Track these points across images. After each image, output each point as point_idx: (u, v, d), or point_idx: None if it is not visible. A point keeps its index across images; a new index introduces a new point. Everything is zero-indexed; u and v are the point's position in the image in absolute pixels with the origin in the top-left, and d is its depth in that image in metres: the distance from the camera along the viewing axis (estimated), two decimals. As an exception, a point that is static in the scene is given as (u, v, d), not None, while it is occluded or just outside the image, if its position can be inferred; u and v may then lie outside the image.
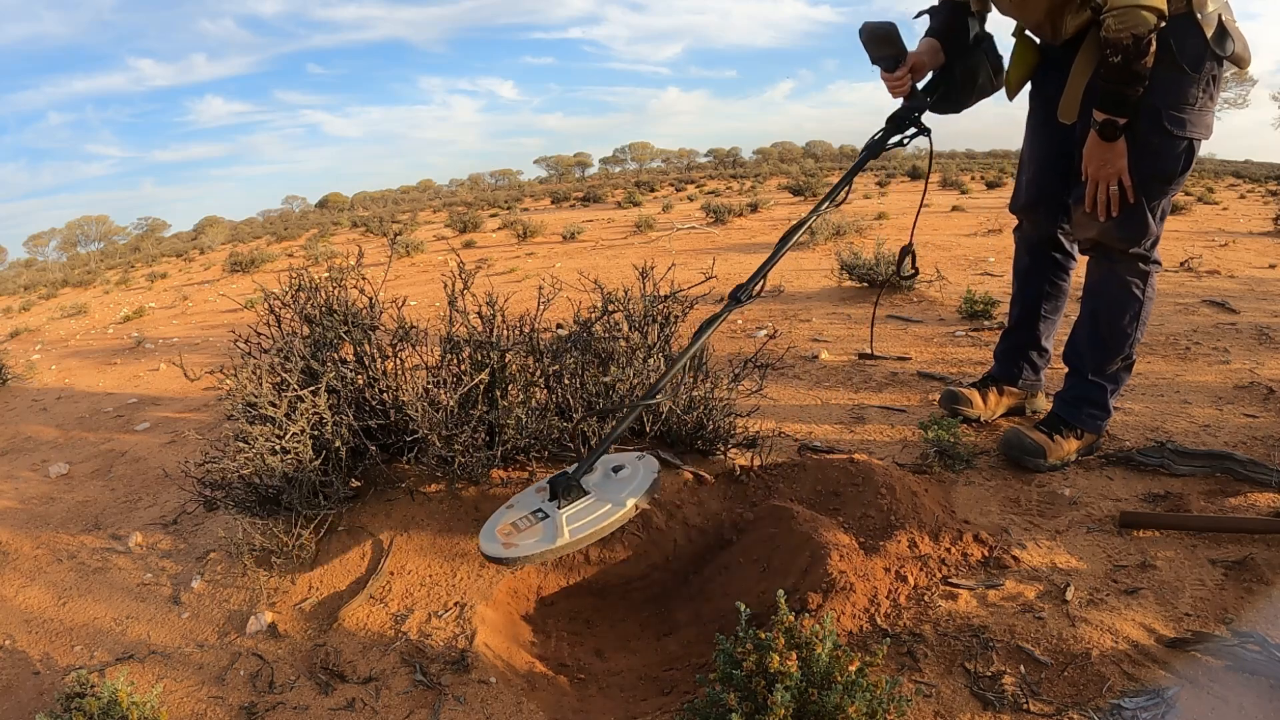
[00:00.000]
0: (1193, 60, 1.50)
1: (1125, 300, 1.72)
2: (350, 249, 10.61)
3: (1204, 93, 1.53)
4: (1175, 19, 1.47)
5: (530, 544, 1.29)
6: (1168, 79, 1.51)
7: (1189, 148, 1.58)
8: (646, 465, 1.43)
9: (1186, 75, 1.51)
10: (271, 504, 1.67)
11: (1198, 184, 16.67)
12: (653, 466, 1.43)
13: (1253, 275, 4.19)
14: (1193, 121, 1.55)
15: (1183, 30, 1.49)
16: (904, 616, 1.28)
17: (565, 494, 1.35)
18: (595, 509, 1.33)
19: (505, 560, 1.28)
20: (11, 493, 2.48)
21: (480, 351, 1.72)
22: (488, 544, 1.32)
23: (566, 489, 1.35)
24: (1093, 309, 1.77)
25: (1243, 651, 1.11)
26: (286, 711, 1.27)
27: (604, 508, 1.33)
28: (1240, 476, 1.62)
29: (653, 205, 15.35)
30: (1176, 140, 1.56)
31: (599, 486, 1.37)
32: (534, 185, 57.22)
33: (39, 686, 1.42)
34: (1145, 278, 1.71)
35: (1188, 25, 1.49)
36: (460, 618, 1.47)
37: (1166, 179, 1.60)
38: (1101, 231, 1.68)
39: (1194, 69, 1.51)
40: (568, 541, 1.28)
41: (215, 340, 5.18)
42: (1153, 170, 1.59)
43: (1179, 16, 1.48)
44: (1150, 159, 1.57)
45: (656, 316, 1.85)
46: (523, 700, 1.25)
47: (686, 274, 1.99)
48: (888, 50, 1.70)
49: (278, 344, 1.76)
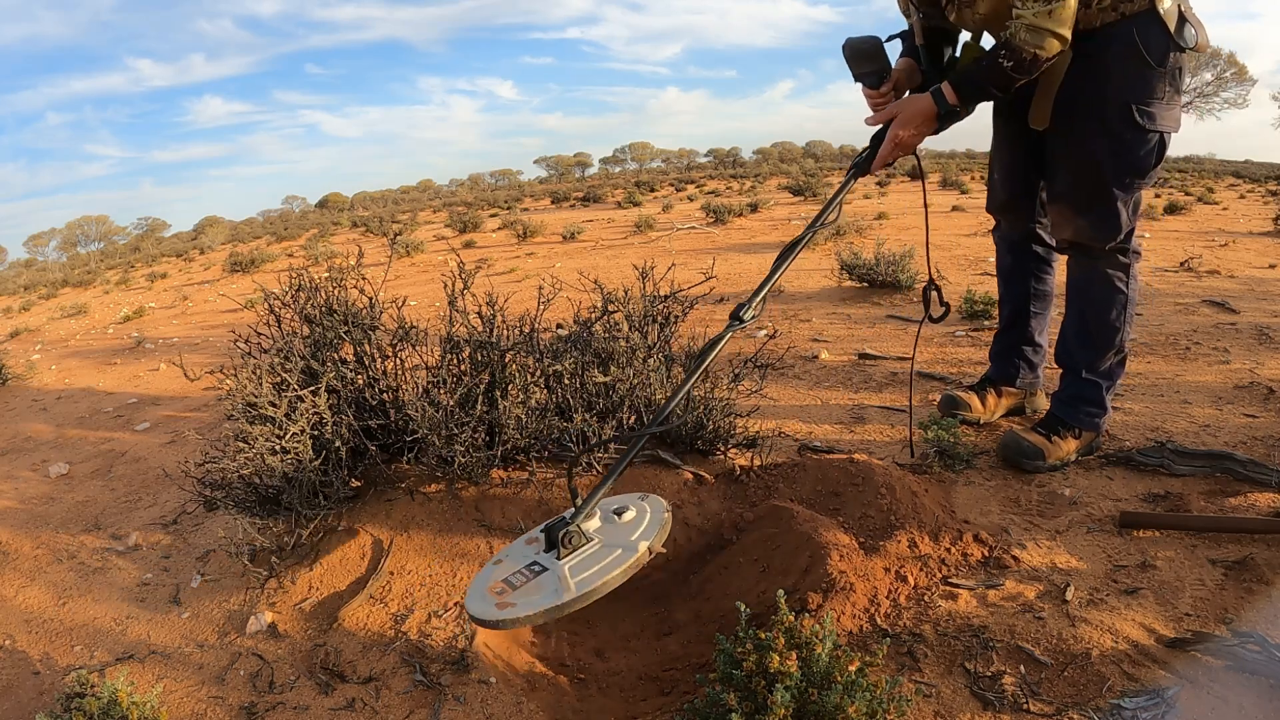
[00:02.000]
0: (1158, 55, 1.52)
1: (1109, 295, 1.73)
2: (350, 249, 10.60)
3: (1170, 86, 1.56)
4: (1139, 15, 1.51)
5: (532, 602, 1.10)
6: (1135, 74, 1.54)
7: (1160, 141, 1.60)
8: (654, 505, 1.28)
9: (1153, 69, 1.53)
10: (271, 504, 1.67)
11: (1198, 184, 16.66)
12: (660, 506, 1.27)
13: (1253, 275, 4.19)
14: (1161, 115, 1.57)
15: (1146, 25, 1.51)
16: (904, 616, 1.28)
17: (565, 542, 1.17)
18: (602, 557, 1.16)
19: (502, 623, 1.09)
20: (11, 493, 2.48)
21: (480, 351, 1.72)
22: (478, 605, 1.12)
23: (566, 537, 1.18)
24: (1079, 308, 1.78)
25: (1243, 651, 1.11)
26: (286, 711, 1.27)
27: (613, 554, 1.16)
28: (1240, 476, 1.62)
29: (653, 205, 15.34)
30: (1148, 134, 1.58)
31: (601, 532, 1.22)
32: (534, 185, 57.20)
33: (39, 686, 1.42)
34: (1126, 270, 1.72)
35: (1151, 20, 1.51)
36: (460, 618, 1.47)
37: (1140, 173, 1.62)
38: (1077, 230, 1.70)
39: (1159, 63, 1.53)
40: (575, 596, 1.09)
41: (215, 340, 5.18)
42: (1126, 165, 1.61)
43: (1142, 13, 1.51)
44: (1124, 154, 1.60)
45: (656, 316, 1.85)
46: (523, 700, 1.25)
47: (687, 274, 1.99)
48: (870, 66, 1.68)
49: (278, 344, 1.76)
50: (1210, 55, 28.02)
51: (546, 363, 1.77)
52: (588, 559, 1.16)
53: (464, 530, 1.66)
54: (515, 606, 1.10)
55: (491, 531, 1.66)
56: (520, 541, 1.27)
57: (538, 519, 1.70)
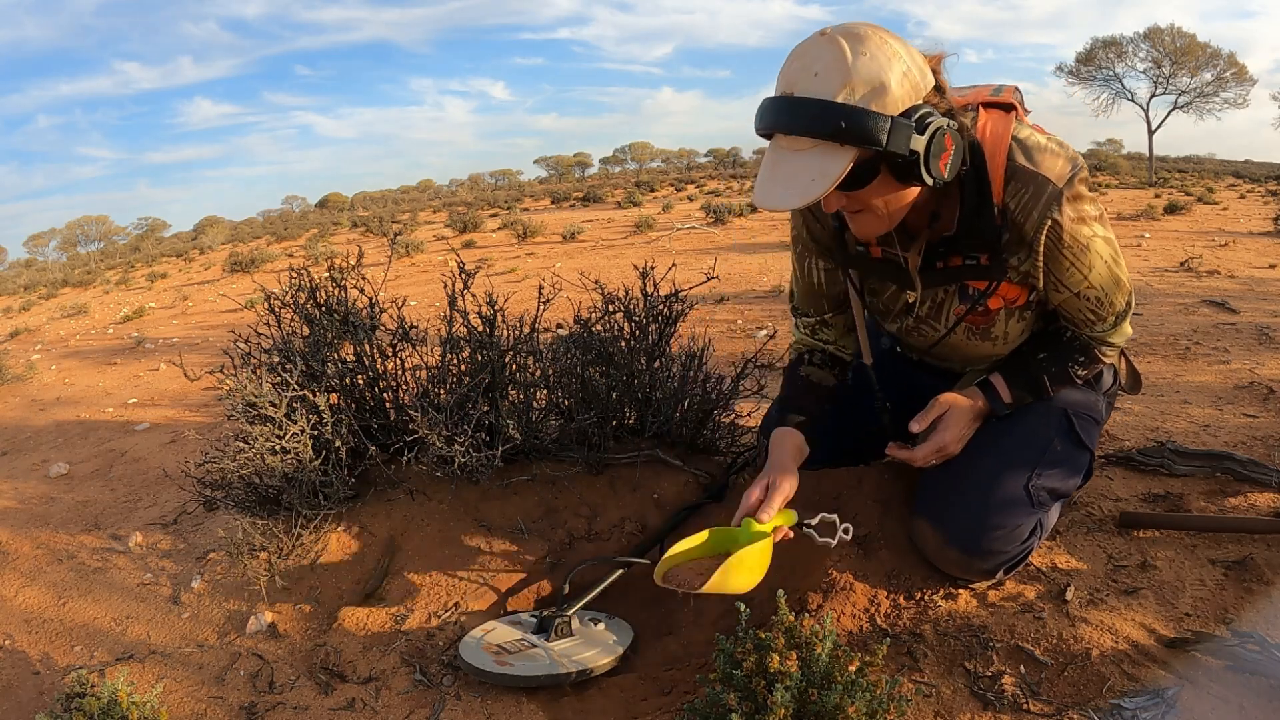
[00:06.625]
0: None
1: None
2: (350, 249, 10.61)
3: None
4: None
5: (532, 666, 1.28)
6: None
7: None
8: (620, 626, 1.43)
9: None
10: (271, 504, 1.67)
11: (1197, 184, 16.65)
12: (628, 630, 1.42)
13: (1253, 275, 4.19)
14: None
15: None
16: (904, 616, 1.28)
17: (558, 630, 1.36)
18: (584, 650, 1.33)
19: (501, 678, 1.26)
20: (11, 493, 2.48)
21: (481, 351, 1.72)
22: (477, 658, 1.30)
23: (560, 625, 1.36)
24: None
25: (1243, 651, 1.11)
26: (286, 711, 1.27)
27: (592, 650, 1.33)
28: (1240, 476, 1.62)
29: (653, 205, 15.35)
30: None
31: (580, 633, 1.38)
32: (534, 185, 57.24)
33: (39, 686, 1.42)
34: None
35: None
36: (459, 620, 1.47)
37: None
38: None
39: None
40: (567, 672, 1.27)
41: (215, 340, 5.18)
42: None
43: None
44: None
45: (657, 316, 1.85)
46: (523, 700, 1.25)
47: (687, 274, 1.99)
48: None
49: (278, 344, 1.76)
50: (1210, 55, 28.05)
51: (547, 362, 1.77)
52: (572, 648, 1.33)
53: (464, 530, 1.66)
54: (513, 667, 1.27)
55: (491, 531, 1.66)
56: (504, 620, 1.45)
57: (538, 519, 1.70)
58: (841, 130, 0.98)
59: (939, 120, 1.03)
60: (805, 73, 1.01)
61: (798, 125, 1.02)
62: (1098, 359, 1.32)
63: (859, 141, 0.99)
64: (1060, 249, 1.17)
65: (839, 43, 1.00)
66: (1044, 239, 1.16)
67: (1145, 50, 28.80)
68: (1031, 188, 1.13)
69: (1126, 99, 29.92)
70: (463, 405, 1.66)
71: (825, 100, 0.99)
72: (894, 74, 1.00)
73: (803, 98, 1.01)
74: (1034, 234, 1.16)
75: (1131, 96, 29.80)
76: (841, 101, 0.99)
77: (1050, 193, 1.13)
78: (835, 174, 1.00)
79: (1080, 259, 1.18)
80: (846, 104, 0.98)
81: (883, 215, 1.12)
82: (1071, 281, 1.20)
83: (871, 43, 1.00)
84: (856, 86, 0.99)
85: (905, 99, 1.01)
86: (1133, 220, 9.44)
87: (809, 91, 1.00)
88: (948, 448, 1.31)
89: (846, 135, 0.99)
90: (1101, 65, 29.88)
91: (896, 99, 1.00)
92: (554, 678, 1.27)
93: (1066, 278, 1.20)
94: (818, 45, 1.02)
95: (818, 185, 1.01)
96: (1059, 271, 1.19)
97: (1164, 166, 33.58)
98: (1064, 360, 1.32)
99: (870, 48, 1.00)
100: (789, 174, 1.03)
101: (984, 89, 1.24)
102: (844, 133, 0.99)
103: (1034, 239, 1.16)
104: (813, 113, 1.00)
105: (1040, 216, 1.14)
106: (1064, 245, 1.16)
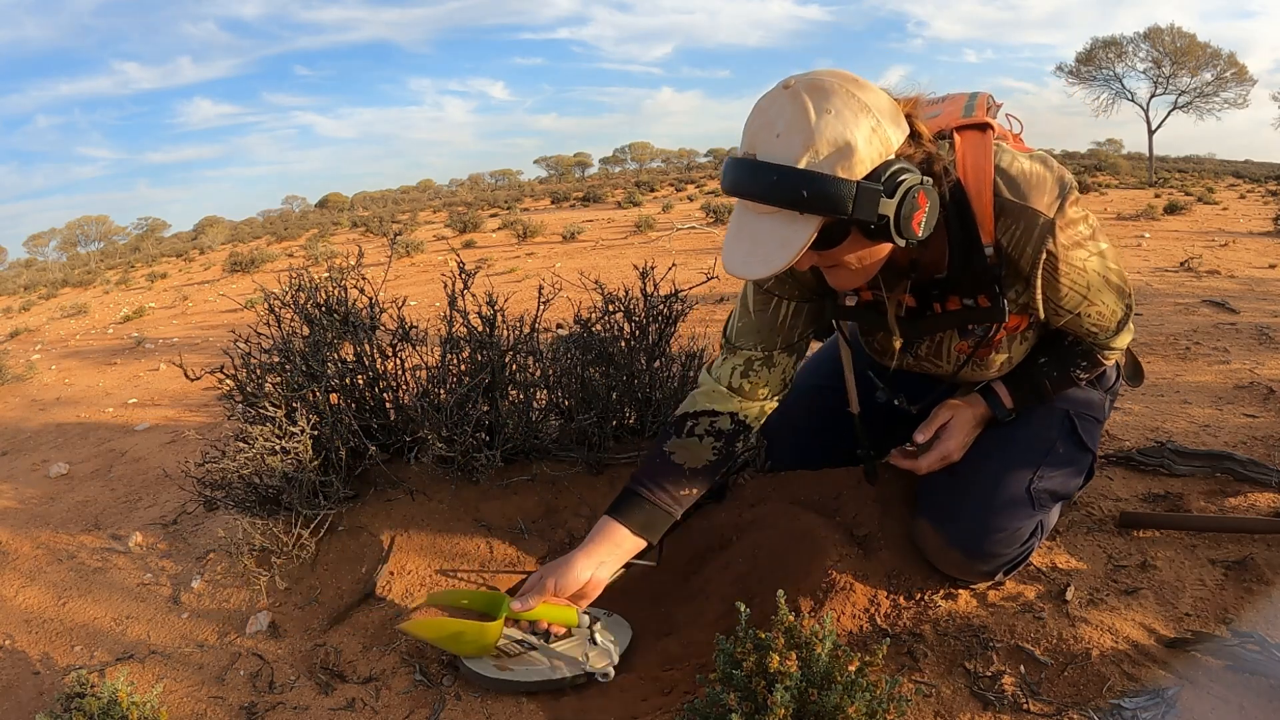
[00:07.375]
0: None
1: None
2: (350, 249, 10.61)
3: None
4: None
5: (532, 670, 1.28)
6: None
7: None
8: (620, 626, 1.43)
9: None
10: (271, 504, 1.67)
11: (1197, 184, 16.65)
12: (627, 629, 1.42)
13: (1253, 275, 4.19)
14: None
15: None
16: (904, 616, 1.28)
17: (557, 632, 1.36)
18: (583, 651, 1.33)
19: (500, 683, 1.26)
20: (11, 493, 2.48)
21: (481, 351, 1.72)
22: (475, 662, 1.30)
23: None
24: None
25: (1243, 651, 1.11)
26: (286, 711, 1.27)
27: (593, 651, 1.33)
28: (1240, 476, 1.62)
29: (653, 205, 15.35)
30: None
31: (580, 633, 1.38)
32: (534, 185, 57.21)
33: (39, 686, 1.42)
34: None
35: None
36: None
37: None
38: None
39: None
40: (566, 677, 1.27)
41: (215, 340, 5.19)
42: None
43: None
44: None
45: (657, 316, 1.85)
46: (523, 700, 1.25)
47: (687, 274, 1.99)
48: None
49: (278, 344, 1.76)
50: (1210, 55, 28.04)
51: (547, 362, 1.77)
52: (569, 649, 1.33)
53: (464, 530, 1.66)
54: (513, 672, 1.28)
55: (491, 531, 1.66)
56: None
57: (538, 519, 1.70)
58: (803, 200, 0.93)
59: (911, 178, 0.97)
60: (767, 131, 0.96)
61: (757, 192, 0.97)
62: (1100, 362, 1.32)
63: (822, 211, 0.94)
64: (1057, 278, 1.16)
65: (802, 99, 0.94)
66: (1040, 272, 1.14)
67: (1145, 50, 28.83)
68: (1022, 223, 1.11)
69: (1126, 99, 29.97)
70: (463, 405, 1.66)
71: (786, 166, 0.93)
72: (861, 131, 0.94)
73: (764, 162, 0.95)
74: (1030, 269, 1.15)
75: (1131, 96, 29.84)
76: (804, 167, 0.93)
77: (1042, 225, 1.10)
78: (799, 244, 0.96)
79: (1078, 282, 1.17)
80: (809, 170, 0.93)
81: (857, 269, 1.09)
82: (1071, 304, 1.20)
83: (837, 98, 0.94)
84: (820, 148, 0.93)
85: (874, 158, 0.95)
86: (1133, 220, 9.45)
87: (770, 155, 0.95)
88: (951, 455, 1.31)
89: (808, 205, 0.93)
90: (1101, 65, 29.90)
91: (864, 159, 0.94)
92: (553, 683, 1.27)
93: (1066, 302, 1.19)
94: (780, 101, 0.96)
95: (782, 255, 0.96)
96: (1058, 298, 1.19)
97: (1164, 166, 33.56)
98: (1066, 365, 1.32)
99: (836, 103, 0.93)
100: (755, 236, 0.99)
101: (956, 105, 1.21)
102: (805, 202, 0.93)
103: (1030, 274, 1.15)
104: (773, 180, 0.94)
105: (1035, 251, 1.12)
106: (1060, 274, 1.15)
